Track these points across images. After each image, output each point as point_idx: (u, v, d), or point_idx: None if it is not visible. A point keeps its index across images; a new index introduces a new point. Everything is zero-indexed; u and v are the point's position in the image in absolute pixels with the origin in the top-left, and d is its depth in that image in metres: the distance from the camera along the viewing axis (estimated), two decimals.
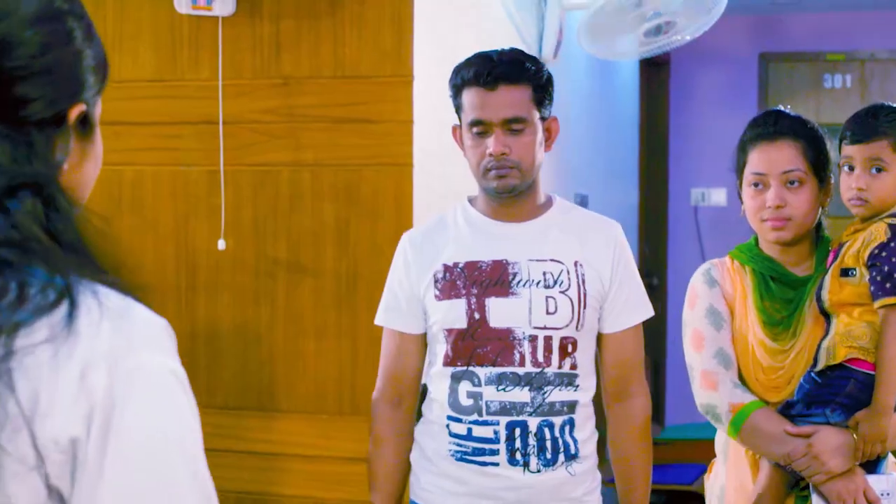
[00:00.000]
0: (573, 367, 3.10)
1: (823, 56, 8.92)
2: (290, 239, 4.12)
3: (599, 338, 3.21)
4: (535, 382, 3.06)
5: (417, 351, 3.24)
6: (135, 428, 1.22)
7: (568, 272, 3.11)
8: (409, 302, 3.20)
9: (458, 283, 3.12)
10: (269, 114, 4.12)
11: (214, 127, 4.13)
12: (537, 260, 3.11)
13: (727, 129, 8.96)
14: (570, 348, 3.10)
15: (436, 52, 4.15)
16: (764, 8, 8.58)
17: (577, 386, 3.11)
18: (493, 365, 3.07)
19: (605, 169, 7.09)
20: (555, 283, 3.10)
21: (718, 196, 8.42)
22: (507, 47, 3.18)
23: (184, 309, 4.21)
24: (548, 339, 3.08)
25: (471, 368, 3.09)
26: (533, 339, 3.07)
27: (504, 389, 3.06)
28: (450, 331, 3.12)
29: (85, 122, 1.37)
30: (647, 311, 3.25)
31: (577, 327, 3.10)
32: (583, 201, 6.26)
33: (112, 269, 1.30)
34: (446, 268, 3.14)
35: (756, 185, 3.15)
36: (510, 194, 3.12)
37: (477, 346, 3.09)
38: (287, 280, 4.12)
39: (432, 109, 4.09)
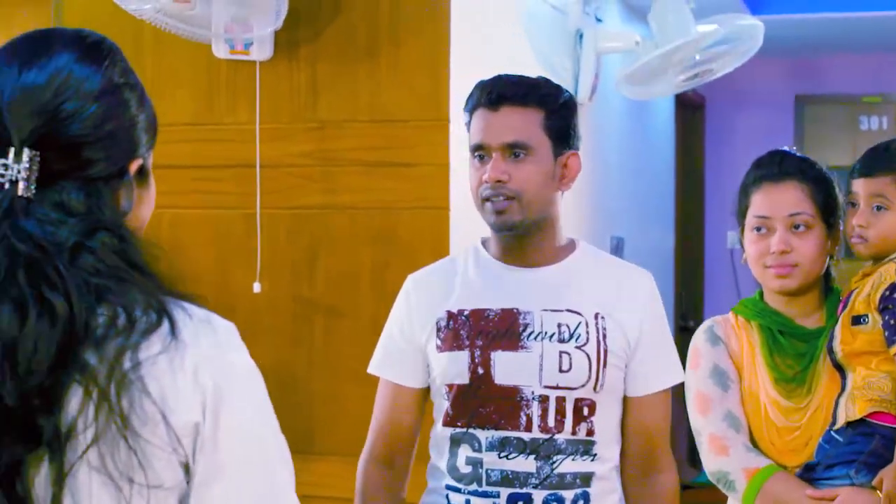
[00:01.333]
0: (590, 433, 2.71)
1: (859, 98, 8.91)
2: (327, 282, 4.13)
3: (624, 402, 2.80)
4: (542, 450, 2.68)
5: (415, 406, 2.89)
6: (236, 409, 1.57)
7: (587, 325, 2.72)
8: (410, 351, 2.85)
9: (461, 332, 2.74)
10: (306, 157, 4.14)
11: (252, 170, 4.15)
12: (552, 310, 2.73)
13: None
14: (586, 411, 2.70)
15: None
16: (799, 50, 8.58)
17: (595, 455, 2.72)
18: (496, 428, 2.69)
19: (640, 212, 7.09)
20: (571, 336, 2.70)
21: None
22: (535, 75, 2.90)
23: None
24: (560, 401, 2.69)
25: (471, 430, 2.72)
26: (543, 399, 2.68)
27: (507, 457, 2.68)
28: (451, 386, 2.75)
29: (142, 172, 1.67)
30: (678, 376, 2.87)
31: (595, 388, 2.70)
32: (619, 244, 6.25)
33: (177, 286, 1.62)
34: (450, 315, 2.78)
35: (759, 229, 2.93)
36: (512, 232, 2.75)
37: (479, 405, 2.71)
38: (324, 323, 4.13)
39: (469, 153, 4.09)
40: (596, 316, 2.74)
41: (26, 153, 1.54)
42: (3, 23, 5.03)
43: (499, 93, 2.75)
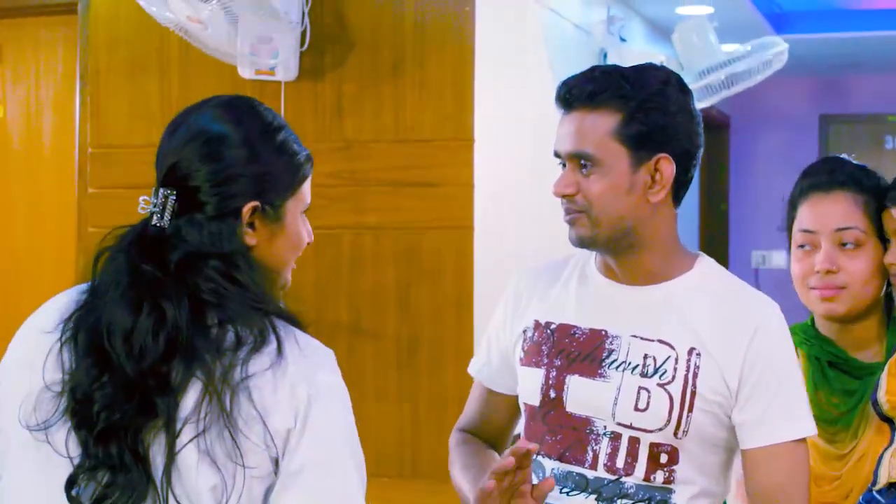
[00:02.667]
0: (668, 481, 2.33)
1: (885, 118, 8.89)
2: (352, 301, 4.13)
3: (742, 456, 2.38)
4: (605, 492, 2.34)
5: (508, 410, 2.60)
6: (318, 420, 1.88)
7: (676, 360, 2.33)
8: (503, 356, 2.55)
9: (543, 348, 2.43)
10: (331, 177, 4.14)
11: None
12: (642, 338, 2.36)
13: (788, 191, 8.96)
14: (663, 458, 2.33)
15: (496, 116, 4.16)
16: (824, 70, 8.56)
17: None
18: (560, 459, 2.38)
19: None
20: (654, 371, 2.33)
21: (779, 259, 8.37)
22: (645, 62, 2.48)
23: None
24: (633, 442, 2.33)
25: (538, 458, 2.41)
26: (615, 437, 2.34)
27: (567, 493, 2.37)
28: (526, 406, 2.47)
29: (265, 213, 1.98)
30: (802, 428, 2.34)
31: (676, 433, 2.31)
32: None
33: (281, 308, 1.95)
34: (537, 325, 2.46)
35: (803, 245, 2.57)
36: (588, 248, 2.42)
37: (547, 431, 2.41)
38: (348, 342, 4.13)
39: (493, 173, 4.10)
40: (690, 351, 2.34)
41: (161, 191, 1.95)
42: (31, 38, 5.06)
43: (567, 92, 2.38)
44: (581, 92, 2.34)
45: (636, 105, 2.32)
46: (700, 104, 5.25)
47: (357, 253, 4.12)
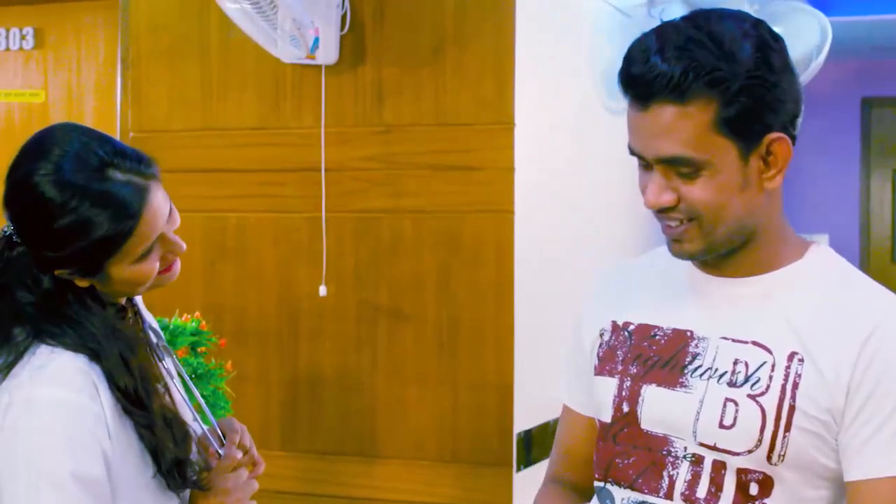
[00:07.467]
0: None
1: None
2: (391, 286, 4.13)
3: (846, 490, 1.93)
4: None
5: (591, 436, 2.18)
6: (7, 429, 2.01)
7: (773, 367, 1.92)
8: (580, 367, 2.21)
9: (618, 353, 2.09)
10: (371, 161, 4.14)
11: (316, 174, 4.17)
12: (733, 340, 1.97)
13: (830, 176, 8.92)
14: (753, 489, 1.92)
15: (537, 99, 4.15)
16: (865, 52, 8.51)
17: None
18: (632, 487, 2.02)
19: None
20: (745, 380, 1.93)
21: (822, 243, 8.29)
22: (703, 31, 1.91)
23: (286, 355, 4.23)
24: (718, 467, 1.94)
25: (608, 486, 2.07)
26: (696, 461, 1.95)
27: None
28: (599, 423, 2.12)
29: (84, 274, 2.12)
30: None
31: (770, 458, 1.90)
32: None
33: (83, 340, 2.08)
34: (614, 327, 2.12)
35: None
36: (699, 259, 2.05)
37: (617, 453, 2.05)
38: (388, 327, 4.13)
39: (534, 156, 4.09)
40: (791, 356, 1.93)
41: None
42: (73, 22, 5.08)
43: (644, 85, 1.89)
44: (662, 81, 1.87)
45: (737, 82, 1.88)
46: None
47: (396, 237, 4.12)
